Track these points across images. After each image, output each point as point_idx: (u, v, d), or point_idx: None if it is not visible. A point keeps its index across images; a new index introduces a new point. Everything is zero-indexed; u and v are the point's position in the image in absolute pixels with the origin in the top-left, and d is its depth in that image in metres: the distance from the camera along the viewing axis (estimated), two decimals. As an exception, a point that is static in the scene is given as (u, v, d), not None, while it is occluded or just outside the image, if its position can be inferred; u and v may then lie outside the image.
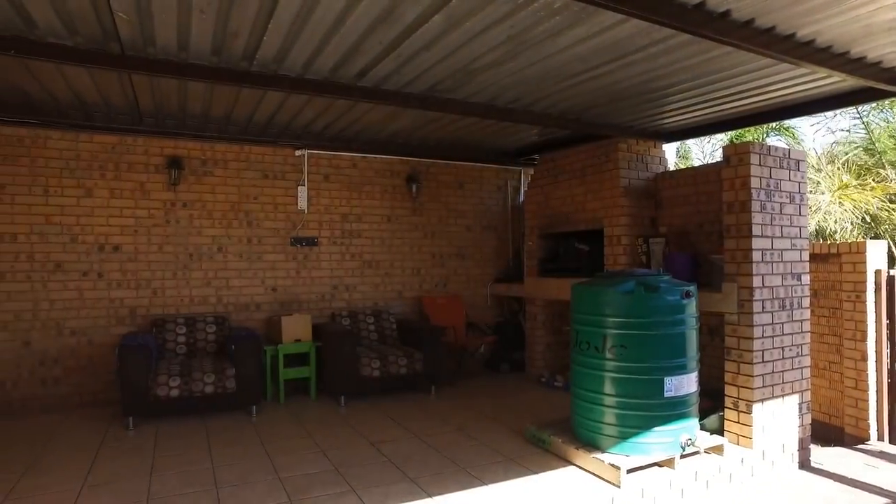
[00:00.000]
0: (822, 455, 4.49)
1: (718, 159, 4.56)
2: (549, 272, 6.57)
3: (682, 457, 3.78)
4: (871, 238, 7.93)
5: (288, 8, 3.07)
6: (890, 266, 5.03)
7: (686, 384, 3.81)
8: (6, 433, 4.63)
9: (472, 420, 4.99)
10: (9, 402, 5.16)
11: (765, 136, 9.35)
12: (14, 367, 5.18)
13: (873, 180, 8.43)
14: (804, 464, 4.24)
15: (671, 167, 6.01)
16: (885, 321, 4.77)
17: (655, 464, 3.78)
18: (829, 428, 4.99)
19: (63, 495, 3.45)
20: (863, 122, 9.08)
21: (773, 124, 9.00)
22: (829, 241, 6.71)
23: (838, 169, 8.84)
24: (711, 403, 4.38)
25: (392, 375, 5.65)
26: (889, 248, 7.00)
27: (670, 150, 6.06)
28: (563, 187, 6.39)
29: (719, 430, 4.21)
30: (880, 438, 4.80)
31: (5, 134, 5.18)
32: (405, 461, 4.00)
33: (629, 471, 3.60)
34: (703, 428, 4.13)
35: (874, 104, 8.54)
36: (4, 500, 3.40)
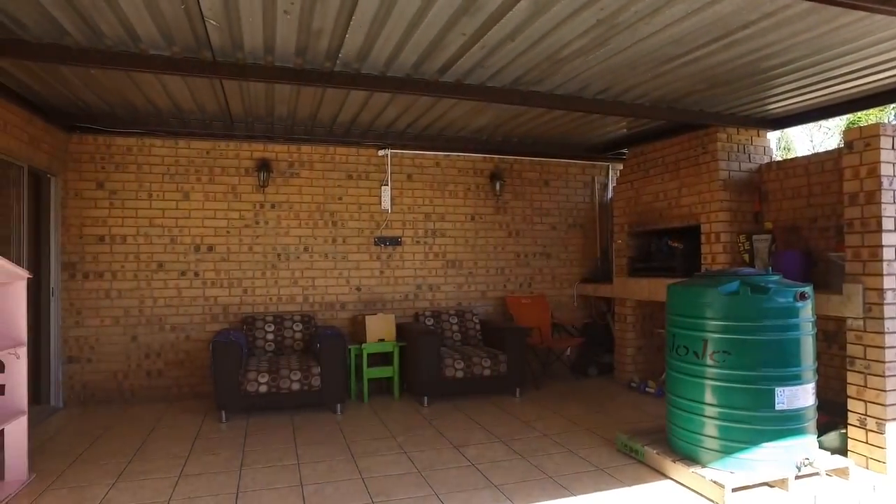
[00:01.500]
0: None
1: (832, 148, 4.07)
2: (640, 272, 6.23)
3: (798, 478, 3.39)
4: None
5: (369, 3, 3.03)
6: None
7: (801, 396, 3.42)
8: (120, 419, 4.96)
9: (559, 426, 4.78)
10: (121, 391, 5.55)
11: (891, 118, 8.39)
12: (125, 359, 5.56)
13: None
14: (949, 493, 3.69)
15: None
16: None
17: (765, 483, 3.42)
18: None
19: (163, 482, 3.61)
20: None
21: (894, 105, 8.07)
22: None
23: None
24: (828, 418, 3.93)
25: (476, 377, 5.55)
26: None
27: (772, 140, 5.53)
28: (655, 182, 6.02)
29: (841, 450, 3.76)
30: None
31: (118, 144, 5.57)
32: (489, 467, 3.87)
33: (734, 489, 3.27)
34: (820, 446, 3.70)
35: None
36: (116, 482, 3.63)
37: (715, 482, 3.28)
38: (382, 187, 6.38)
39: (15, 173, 4.71)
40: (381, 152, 6.36)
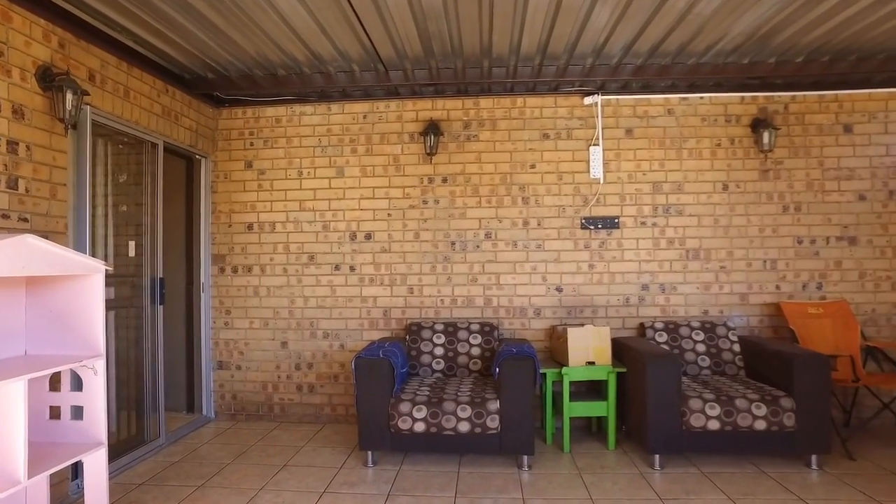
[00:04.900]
0: None
1: None
2: None
3: None
4: None
5: None
6: None
7: None
8: (258, 444, 4.05)
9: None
10: (270, 406, 4.71)
11: None
12: (274, 369, 4.70)
13: None
14: None
15: None
16: None
17: None
18: None
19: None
20: None
21: None
22: None
23: None
24: None
25: (740, 431, 3.47)
26: None
27: None
28: None
29: None
30: None
31: (267, 115, 4.76)
32: None
33: None
34: None
35: None
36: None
37: None
38: (591, 148, 4.60)
39: (148, 150, 4.06)
40: (587, 100, 4.59)
